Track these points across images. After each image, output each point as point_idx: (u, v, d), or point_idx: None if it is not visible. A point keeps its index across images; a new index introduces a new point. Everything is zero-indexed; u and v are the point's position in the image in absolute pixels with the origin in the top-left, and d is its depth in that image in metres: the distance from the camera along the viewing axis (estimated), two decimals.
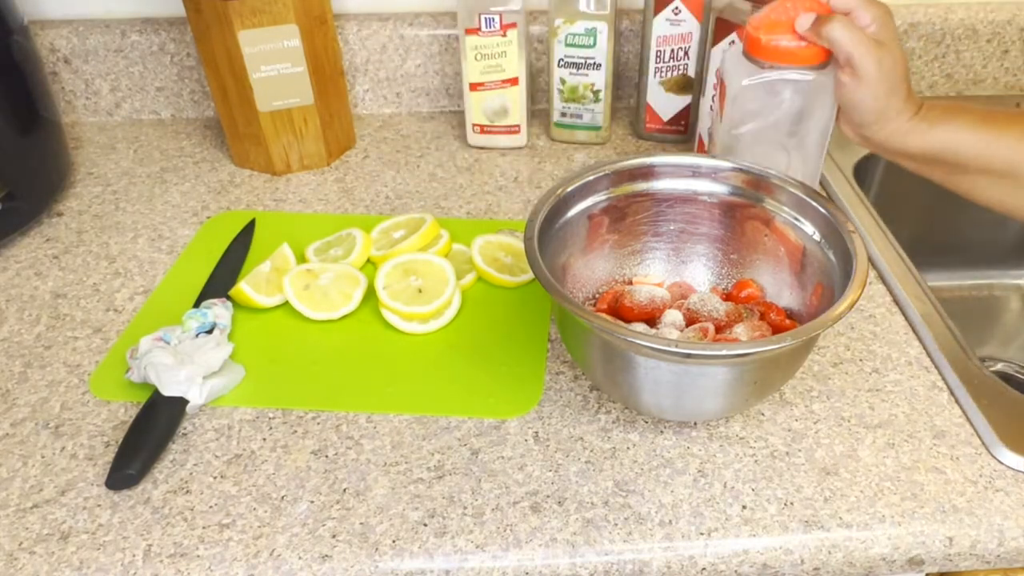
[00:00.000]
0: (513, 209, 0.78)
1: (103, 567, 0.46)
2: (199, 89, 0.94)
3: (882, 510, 0.49)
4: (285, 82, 0.78)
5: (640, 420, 0.55)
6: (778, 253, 0.59)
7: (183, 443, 0.54)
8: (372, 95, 0.95)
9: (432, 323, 0.63)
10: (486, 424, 0.55)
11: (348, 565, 0.47)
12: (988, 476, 0.51)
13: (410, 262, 0.66)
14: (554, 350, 0.61)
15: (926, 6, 0.93)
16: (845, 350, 0.61)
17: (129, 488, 0.51)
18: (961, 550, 0.49)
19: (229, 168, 0.86)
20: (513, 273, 0.67)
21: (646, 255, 0.64)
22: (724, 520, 0.49)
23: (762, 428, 0.55)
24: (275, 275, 0.66)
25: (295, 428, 0.55)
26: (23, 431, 0.55)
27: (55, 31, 0.88)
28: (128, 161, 0.87)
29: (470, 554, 0.47)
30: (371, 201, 0.80)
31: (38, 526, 0.49)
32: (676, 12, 0.80)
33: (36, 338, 0.63)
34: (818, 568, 0.48)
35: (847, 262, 0.51)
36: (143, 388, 0.56)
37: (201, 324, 0.60)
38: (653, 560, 0.47)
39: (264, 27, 0.75)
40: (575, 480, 0.51)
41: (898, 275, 0.67)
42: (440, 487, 0.51)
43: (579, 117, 0.87)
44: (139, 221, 0.77)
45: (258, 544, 0.48)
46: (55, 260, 0.72)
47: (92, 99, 0.93)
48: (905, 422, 0.55)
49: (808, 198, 0.56)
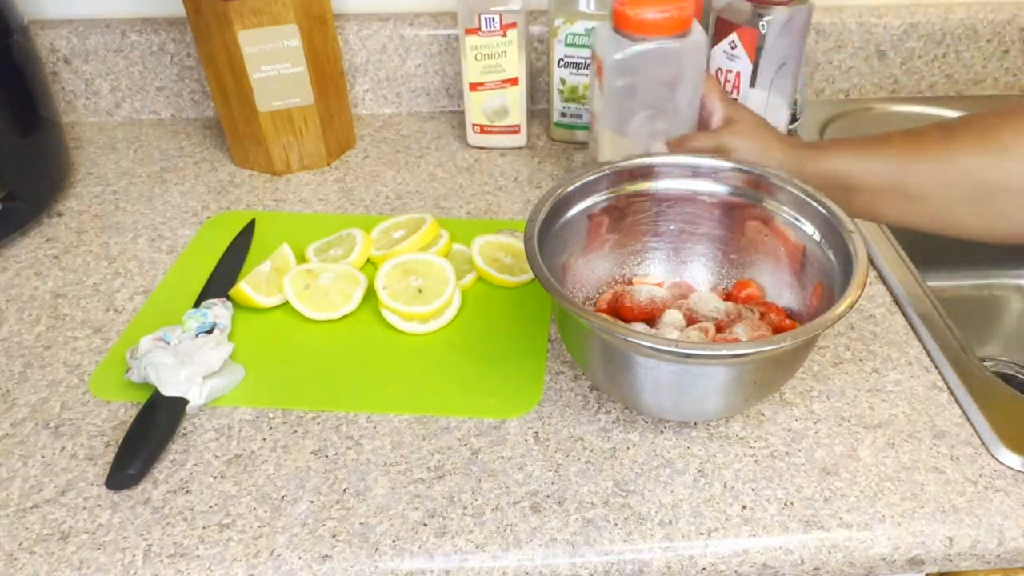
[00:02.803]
0: (513, 209, 0.78)
1: (103, 567, 0.46)
2: (199, 89, 0.94)
3: (882, 510, 0.49)
4: (285, 82, 0.78)
5: (640, 420, 0.55)
6: (778, 253, 0.59)
7: (183, 443, 0.54)
8: (372, 95, 0.95)
9: (432, 323, 0.63)
10: (486, 424, 0.55)
11: (348, 565, 0.47)
12: (988, 476, 0.51)
13: (410, 262, 0.66)
14: (554, 350, 0.61)
15: (926, 6, 0.93)
16: (845, 350, 0.61)
17: (129, 488, 0.51)
18: (961, 550, 0.49)
19: (229, 168, 0.86)
20: (513, 273, 0.67)
21: (646, 255, 0.64)
22: (724, 520, 0.49)
23: (762, 428, 0.55)
24: (275, 275, 0.66)
25: (295, 428, 0.55)
26: (23, 431, 0.55)
27: (55, 31, 0.88)
28: (128, 161, 0.87)
29: (470, 554, 0.47)
30: (371, 201, 0.80)
31: (38, 526, 0.49)
32: None
33: (36, 338, 0.63)
34: (818, 568, 0.48)
35: (847, 262, 0.51)
36: (143, 388, 0.56)
37: (201, 324, 0.60)
38: (653, 560, 0.47)
39: (264, 27, 0.75)
40: (575, 480, 0.51)
41: (898, 275, 0.67)
42: (440, 487, 0.51)
43: (579, 117, 0.87)
44: (139, 221, 0.77)
45: (258, 544, 0.48)
46: (55, 260, 0.72)
47: (92, 99, 0.93)
48: (905, 422, 0.55)
49: (808, 198, 0.56)
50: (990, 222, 0.56)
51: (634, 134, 0.69)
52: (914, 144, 0.57)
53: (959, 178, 0.55)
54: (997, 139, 0.54)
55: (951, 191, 0.55)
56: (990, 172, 0.54)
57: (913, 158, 0.57)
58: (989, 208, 0.55)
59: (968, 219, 0.56)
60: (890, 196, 0.58)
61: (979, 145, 0.54)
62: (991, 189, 0.54)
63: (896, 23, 0.93)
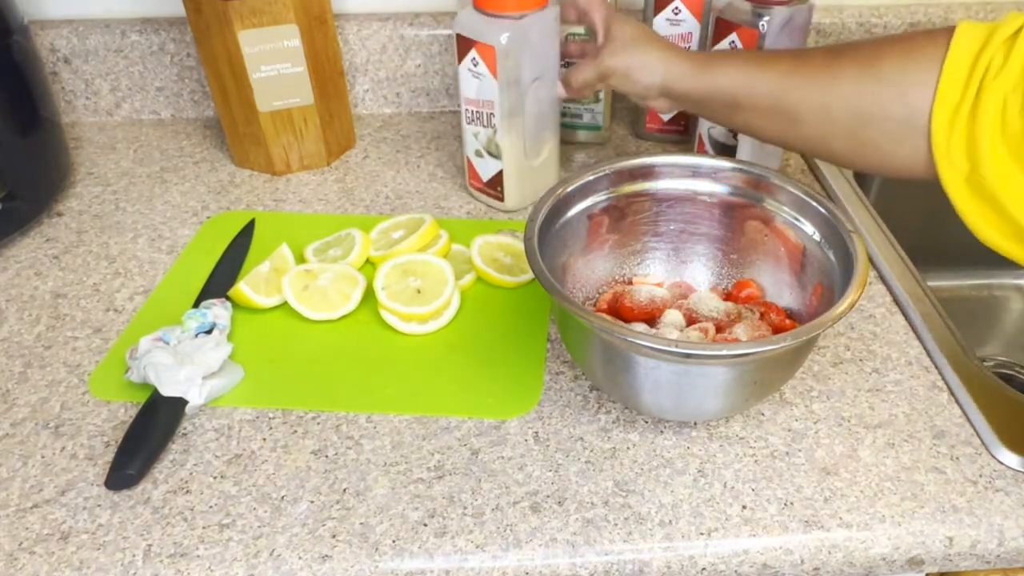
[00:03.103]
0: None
1: (103, 567, 0.46)
2: (199, 89, 0.94)
3: (882, 510, 0.49)
4: (285, 82, 0.78)
5: (640, 420, 0.55)
6: (778, 253, 0.59)
7: (183, 443, 0.54)
8: (372, 95, 0.95)
9: (431, 323, 0.63)
10: (486, 424, 0.55)
11: (348, 565, 0.47)
12: (988, 476, 0.51)
13: (409, 262, 0.66)
14: (554, 350, 0.61)
15: (926, 6, 0.93)
16: (845, 350, 0.61)
17: (129, 488, 0.51)
18: (961, 550, 0.49)
19: (229, 168, 0.86)
20: (513, 273, 0.67)
21: (646, 255, 0.64)
22: (724, 520, 0.49)
23: (762, 428, 0.55)
24: (274, 275, 0.66)
25: (295, 428, 0.55)
26: (23, 431, 0.55)
27: (55, 31, 0.88)
28: (128, 161, 0.87)
29: (470, 554, 0.47)
30: (371, 201, 0.80)
31: (38, 526, 0.49)
32: (676, 12, 0.80)
33: (36, 338, 0.63)
34: (818, 568, 0.48)
35: (847, 262, 0.51)
36: (143, 388, 0.56)
37: (200, 324, 0.60)
38: (653, 560, 0.47)
39: (264, 27, 0.75)
40: (575, 480, 0.51)
41: (898, 275, 0.67)
42: (440, 487, 0.51)
43: (579, 117, 0.87)
44: (139, 221, 0.77)
45: (258, 544, 0.48)
46: (55, 260, 0.72)
47: (92, 99, 0.93)
48: (905, 422, 0.55)
49: (808, 198, 0.56)
50: (862, 151, 0.55)
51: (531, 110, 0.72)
52: (800, 66, 0.57)
53: (837, 104, 0.54)
54: (878, 68, 0.53)
55: (828, 116, 0.55)
56: (867, 101, 0.53)
57: (797, 81, 0.56)
58: (863, 137, 0.54)
59: (841, 146, 0.56)
60: (771, 116, 0.58)
61: (859, 73, 0.54)
62: (866, 118, 0.53)
63: (896, 23, 0.93)
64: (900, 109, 0.52)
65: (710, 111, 0.63)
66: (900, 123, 0.52)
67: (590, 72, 0.65)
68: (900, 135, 0.53)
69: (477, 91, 0.71)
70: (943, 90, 0.50)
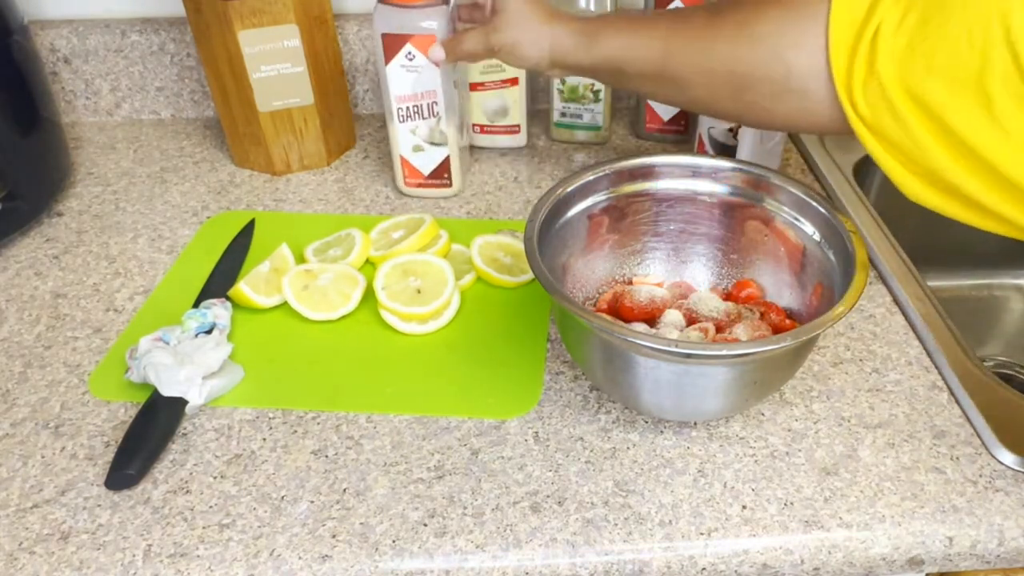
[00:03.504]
0: (513, 209, 0.78)
1: (103, 567, 0.46)
2: (199, 89, 0.94)
3: (882, 510, 0.49)
4: (285, 82, 0.78)
5: (640, 420, 0.55)
6: (778, 253, 0.59)
7: (183, 443, 0.54)
8: (372, 95, 0.95)
9: (431, 323, 0.63)
10: (486, 424, 0.55)
11: (348, 565, 0.47)
12: (988, 476, 0.51)
13: (409, 263, 0.66)
14: (554, 350, 0.61)
15: None
16: (845, 350, 0.61)
17: (129, 488, 0.51)
18: (961, 550, 0.49)
19: (229, 168, 0.86)
20: (513, 273, 0.67)
21: (646, 255, 0.64)
22: (724, 520, 0.49)
23: (762, 428, 0.55)
24: (274, 275, 0.66)
25: (295, 428, 0.55)
26: (23, 431, 0.55)
27: (55, 31, 0.88)
28: (128, 161, 0.87)
29: (470, 554, 0.47)
30: (371, 201, 0.80)
31: (38, 526, 0.49)
32: None
33: (36, 338, 0.63)
34: (818, 568, 0.48)
35: (847, 262, 0.51)
36: (143, 388, 0.56)
37: (200, 324, 0.60)
38: (653, 560, 0.47)
39: (264, 27, 0.75)
40: (575, 480, 0.51)
41: (898, 275, 0.67)
42: (440, 487, 0.51)
43: (579, 117, 0.87)
44: (139, 221, 0.77)
45: (258, 544, 0.48)
46: (55, 260, 0.72)
47: (92, 99, 0.93)
48: (905, 422, 0.55)
49: (808, 198, 0.56)
50: (750, 110, 0.55)
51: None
52: (680, 29, 0.56)
53: (717, 66, 0.54)
54: (753, 28, 0.52)
55: (712, 79, 0.54)
56: (744, 62, 0.52)
57: (677, 45, 0.56)
58: (747, 96, 0.53)
59: (730, 106, 0.56)
60: (658, 82, 0.58)
61: (736, 33, 0.53)
62: (746, 79, 0.53)
63: None
64: (778, 68, 0.51)
65: (603, 80, 0.64)
66: (777, 83, 0.51)
67: (478, 45, 0.65)
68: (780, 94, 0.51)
69: (414, 85, 0.72)
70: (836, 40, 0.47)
